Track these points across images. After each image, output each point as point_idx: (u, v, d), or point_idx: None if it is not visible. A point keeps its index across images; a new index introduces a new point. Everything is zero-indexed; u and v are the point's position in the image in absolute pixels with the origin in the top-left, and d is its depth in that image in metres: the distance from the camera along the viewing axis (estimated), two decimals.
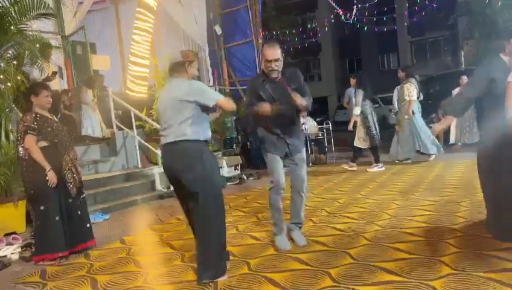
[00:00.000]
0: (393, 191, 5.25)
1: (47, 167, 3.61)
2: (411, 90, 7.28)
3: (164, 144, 2.95)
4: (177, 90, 2.93)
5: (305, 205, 4.84)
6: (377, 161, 7.21)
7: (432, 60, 25.53)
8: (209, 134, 3.01)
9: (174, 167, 2.90)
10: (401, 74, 7.74)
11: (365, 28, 14.17)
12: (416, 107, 7.44)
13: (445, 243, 3.13)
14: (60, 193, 3.75)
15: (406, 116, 7.31)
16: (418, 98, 7.54)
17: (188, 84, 2.95)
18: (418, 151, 7.39)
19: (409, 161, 7.54)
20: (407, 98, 7.31)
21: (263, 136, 3.46)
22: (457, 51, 21.64)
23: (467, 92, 3.36)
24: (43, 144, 3.69)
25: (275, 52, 3.26)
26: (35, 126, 3.65)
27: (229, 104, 3.01)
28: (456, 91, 9.05)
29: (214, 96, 2.93)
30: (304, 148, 3.59)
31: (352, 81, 7.71)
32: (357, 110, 7.02)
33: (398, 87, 9.38)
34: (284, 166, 3.49)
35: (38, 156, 3.61)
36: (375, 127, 7.18)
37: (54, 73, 6.83)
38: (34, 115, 3.69)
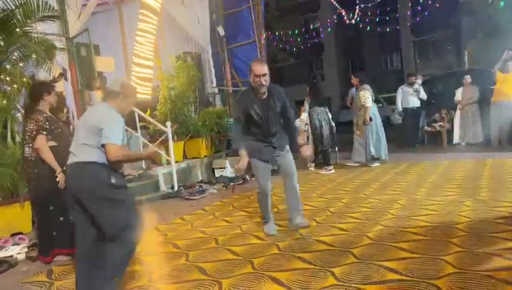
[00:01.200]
0: (397, 190, 5.26)
1: (58, 168, 3.59)
2: (366, 97, 7.35)
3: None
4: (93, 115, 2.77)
5: (309, 205, 4.89)
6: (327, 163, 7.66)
7: (435, 59, 25.45)
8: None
9: None
10: (353, 80, 7.87)
11: (368, 28, 14.15)
12: (376, 112, 7.57)
13: (448, 242, 3.14)
14: (64, 194, 3.69)
15: (365, 124, 7.45)
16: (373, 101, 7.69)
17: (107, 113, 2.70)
18: (373, 157, 7.54)
19: (357, 165, 7.67)
20: (364, 104, 7.39)
21: (250, 144, 3.69)
22: (461, 50, 21.57)
23: None
24: (52, 143, 3.67)
25: (262, 68, 3.54)
26: (47, 126, 3.64)
27: (116, 153, 2.58)
28: (460, 91, 9.06)
29: (111, 137, 2.58)
30: (288, 145, 3.83)
31: (354, 80, 7.81)
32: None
33: (403, 86, 9.43)
34: (273, 170, 3.89)
35: (49, 157, 3.59)
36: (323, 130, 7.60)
37: (61, 74, 6.86)
38: (45, 115, 3.69)
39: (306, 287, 2.60)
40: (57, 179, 3.59)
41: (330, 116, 7.87)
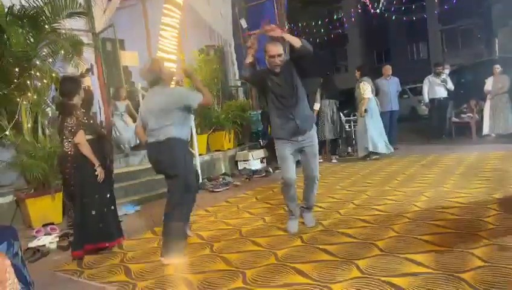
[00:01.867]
0: (423, 183, 5.17)
1: (96, 162, 3.67)
2: (365, 88, 7.44)
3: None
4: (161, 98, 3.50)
5: (333, 198, 4.87)
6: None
7: (463, 48, 24.67)
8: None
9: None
10: (356, 73, 7.99)
11: (393, 17, 13.83)
12: (373, 104, 7.53)
13: (476, 235, 3.07)
14: (99, 188, 3.77)
15: (361, 115, 7.55)
16: (376, 95, 7.82)
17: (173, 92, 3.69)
18: (367, 149, 7.56)
19: (375, 157, 7.62)
20: (363, 95, 7.48)
21: (273, 120, 3.75)
22: (491, 39, 20.81)
23: None
24: (89, 136, 3.73)
25: (278, 48, 3.56)
26: (85, 122, 3.74)
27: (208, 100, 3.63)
28: (489, 81, 8.77)
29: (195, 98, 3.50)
30: (315, 135, 3.83)
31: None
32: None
33: (429, 76, 9.20)
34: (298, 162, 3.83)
35: (88, 151, 3.66)
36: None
37: (88, 70, 7.02)
38: (83, 111, 3.81)
39: (330, 279, 2.60)
40: (96, 173, 3.66)
41: (335, 108, 8.05)
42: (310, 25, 18.14)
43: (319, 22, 17.00)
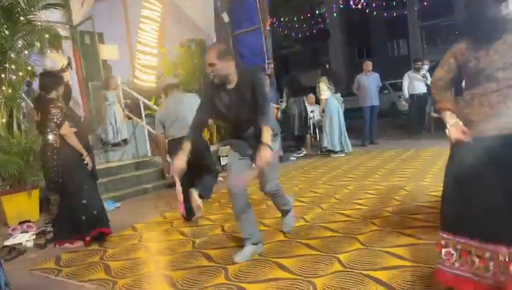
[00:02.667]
0: (403, 177, 5.24)
1: (84, 152, 3.76)
2: (322, 89, 7.67)
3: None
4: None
5: (314, 192, 4.90)
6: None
7: (443, 45, 25.09)
8: None
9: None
10: (319, 73, 8.37)
11: (374, 13, 13.95)
12: (334, 104, 7.67)
13: None
14: (87, 178, 3.87)
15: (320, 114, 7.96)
16: (341, 94, 8.21)
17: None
18: (325, 148, 7.80)
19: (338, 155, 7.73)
20: (321, 96, 7.79)
21: (228, 141, 3.23)
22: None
23: None
24: (74, 129, 3.79)
25: (208, 56, 2.86)
26: (69, 114, 3.80)
27: None
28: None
29: None
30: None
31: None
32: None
33: (409, 72, 9.33)
34: None
35: (76, 142, 3.72)
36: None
37: (68, 65, 6.89)
38: (63, 103, 3.83)
39: (312, 273, 2.61)
40: (85, 162, 3.77)
41: (303, 106, 8.35)
42: (292, 20, 18.14)
43: (301, 17, 17.00)
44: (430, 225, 3.29)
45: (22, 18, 5.15)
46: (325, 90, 7.58)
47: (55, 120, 3.69)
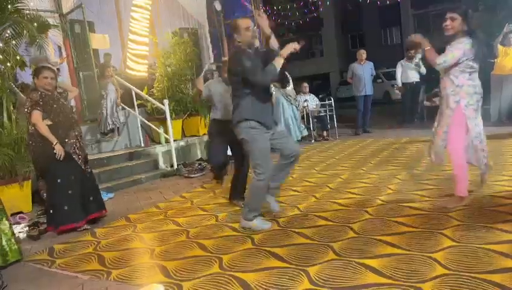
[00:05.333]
0: (396, 166, 5.26)
1: (54, 140, 3.77)
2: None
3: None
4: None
5: (308, 181, 4.90)
6: None
7: (435, 33, 25.06)
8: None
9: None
10: None
11: (368, 1, 13.89)
12: (280, 99, 8.11)
13: (447, 216, 3.16)
14: (69, 167, 3.89)
15: None
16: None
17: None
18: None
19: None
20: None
21: (249, 103, 3.30)
22: None
23: None
24: (47, 122, 3.82)
25: (249, 20, 3.42)
26: (41, 103, 3.80)
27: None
28: None
29: None
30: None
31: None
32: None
33: (402, 61, 9.32)
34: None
35: (45, 131, 3.76)
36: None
37: (63, 59, 6.82)
38: (39, 93, 3.84)
39: (306, 262, 2.62)
40: (54, 151, 3.76)
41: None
42: (285, 8, 17.98)
43: (294, 5, 16.85)
44: (422, 213, 3.32)
45: (9, 6, 5.04)
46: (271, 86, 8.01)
47: (25, 109, 3.81)
